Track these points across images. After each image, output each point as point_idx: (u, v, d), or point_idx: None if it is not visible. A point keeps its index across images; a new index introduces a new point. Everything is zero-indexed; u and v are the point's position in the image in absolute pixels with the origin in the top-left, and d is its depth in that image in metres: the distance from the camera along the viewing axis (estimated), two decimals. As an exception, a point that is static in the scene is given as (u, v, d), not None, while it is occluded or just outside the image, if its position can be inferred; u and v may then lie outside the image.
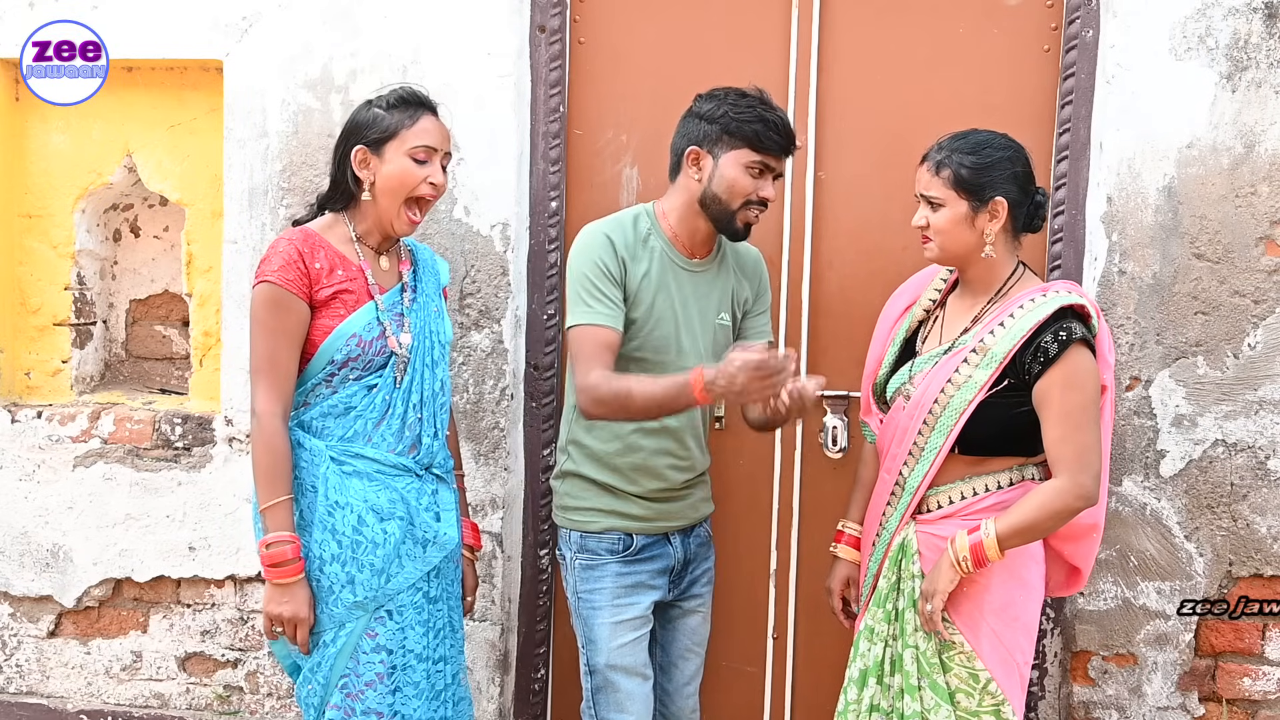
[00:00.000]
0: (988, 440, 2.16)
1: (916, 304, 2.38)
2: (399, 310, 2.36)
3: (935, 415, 2.18)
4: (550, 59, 2.94)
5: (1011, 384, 2.12)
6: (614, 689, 2.44)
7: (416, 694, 2.34)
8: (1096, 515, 2.22)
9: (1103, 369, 2.16)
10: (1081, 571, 2.31)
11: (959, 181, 2.15)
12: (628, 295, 2.36)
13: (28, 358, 3.25)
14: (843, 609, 2.50)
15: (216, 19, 2.99)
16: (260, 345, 2.25)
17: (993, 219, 2.16)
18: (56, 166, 3.19)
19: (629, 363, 2.39)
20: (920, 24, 2.84)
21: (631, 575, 2.46)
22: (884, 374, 2.37)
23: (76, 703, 3.21)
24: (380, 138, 2.28)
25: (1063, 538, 2.25)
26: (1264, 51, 2.63)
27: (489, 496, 2.97)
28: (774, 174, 2.34)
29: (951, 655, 2.16)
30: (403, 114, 2.28)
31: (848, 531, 2.49)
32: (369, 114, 2.30)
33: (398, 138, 2.27)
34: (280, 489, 2.24)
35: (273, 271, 2.24)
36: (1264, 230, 2.66)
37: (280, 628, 2.26)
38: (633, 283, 2.36)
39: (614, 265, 2.34)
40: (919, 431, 2.21)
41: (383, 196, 2.29)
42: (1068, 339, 2.08)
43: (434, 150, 2.29)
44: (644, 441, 2.42)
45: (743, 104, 2.30)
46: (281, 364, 2.25)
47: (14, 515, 3.17)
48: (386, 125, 2.27)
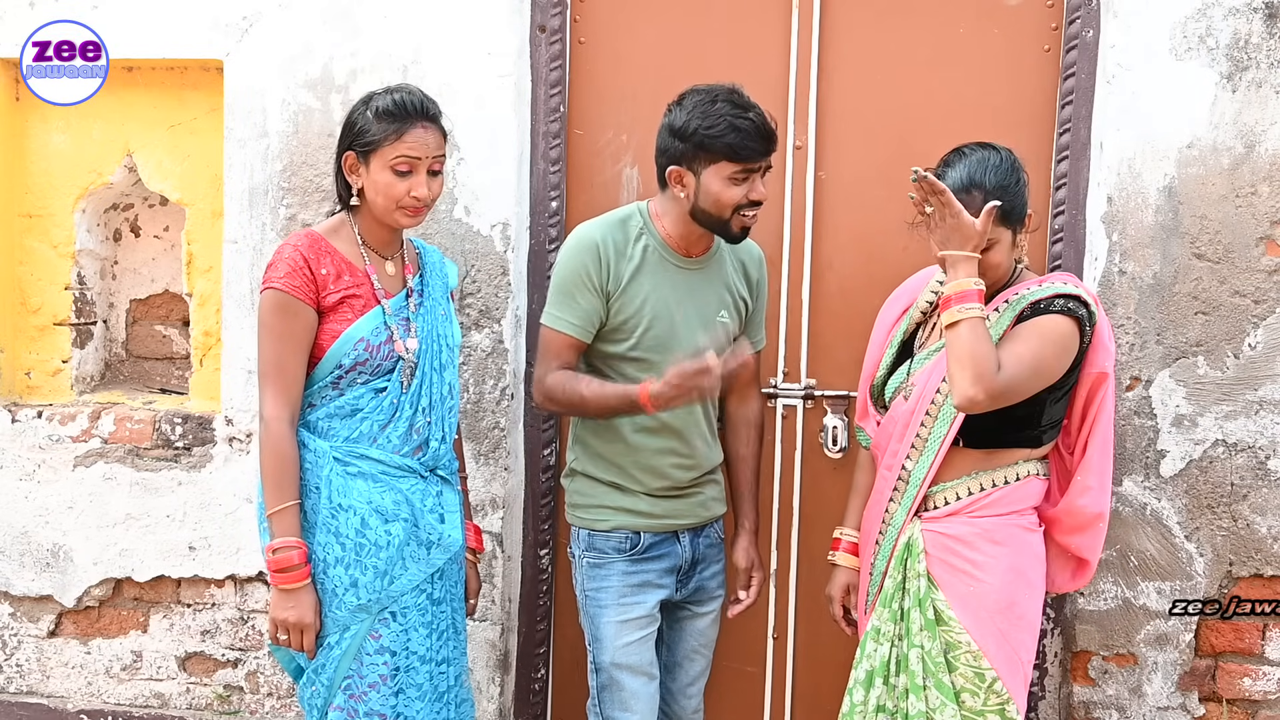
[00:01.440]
0: (991, 428, 2.16)
1: (913, 306, 2.38)
2: (405, 315, 2.37)
3: (938, 405, 2.19)
4: (550, 59, 2.94)
5: None
6: (619, 687, 2.45)
7: (419, 695, 2.34)
8: (1103, 504, 2.23)
9: (1104, 357, 2.18)
10: (1089, 563, 2.31)
11: (1005, 219, 2.16)
12: (615, 296, 2.37)
13: (28, 357, 3.25)
14: (844, 616, 2.50)
15: (217, 19, 2.99)
16: (268, 351, 2.26)
17: (1024, 231, 2.22)
18: (57, 166, 3.19)
19: (628, 363, 2.39)
20: (920, 24, 2.84)
21: (638, 574, 2.46)
22: (882, 375, 2.37)
23: (77, 702, 3.21)
24: (365, 148, 2.27)
25: (1068, 529, 2.26)
26: (1264, 51, 2.63)
27: (489, 496, 2.97)
28: (761, 172, 2.31)
29: (957, 654, 2.16)
30: (389, 125, 2.25)
31: (845, 538, 2.49)
32: (361, 118, 2.29)
33: (379, 152, 2.26)
34: (287, 494, 2.24)
35: (279, 278, 2.24)
36: (1264, 230, 2.65)
37: (285, 634, 2.26)
38: (620, 283, 2.37)
39: (596, 271, 2.36)
40: (921, 424, 2.21)
41: (372, 202, 2.31)
42: (1057, 309, 2.13)
43: (418, 160, 2.27)
44: (646, 441, 2.42)
45: (712, 113, 2.25)
46: (289, 370, 2.25)
47: (14, 515, 3.17)
48: (371, 136, 2.26)
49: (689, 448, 2.45)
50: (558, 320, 2.38)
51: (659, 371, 2.29)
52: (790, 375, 2.94)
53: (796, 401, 2.94)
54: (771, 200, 2.88)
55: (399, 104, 2.27)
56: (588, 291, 2.36)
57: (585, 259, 2.37)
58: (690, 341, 2.37)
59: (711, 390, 2.21)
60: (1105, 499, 2.23)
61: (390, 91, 2.31)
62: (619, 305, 2.37)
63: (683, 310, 2.41)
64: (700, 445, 2.48)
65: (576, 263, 2.37)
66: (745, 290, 2.52)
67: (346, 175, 2.31)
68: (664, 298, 2.39)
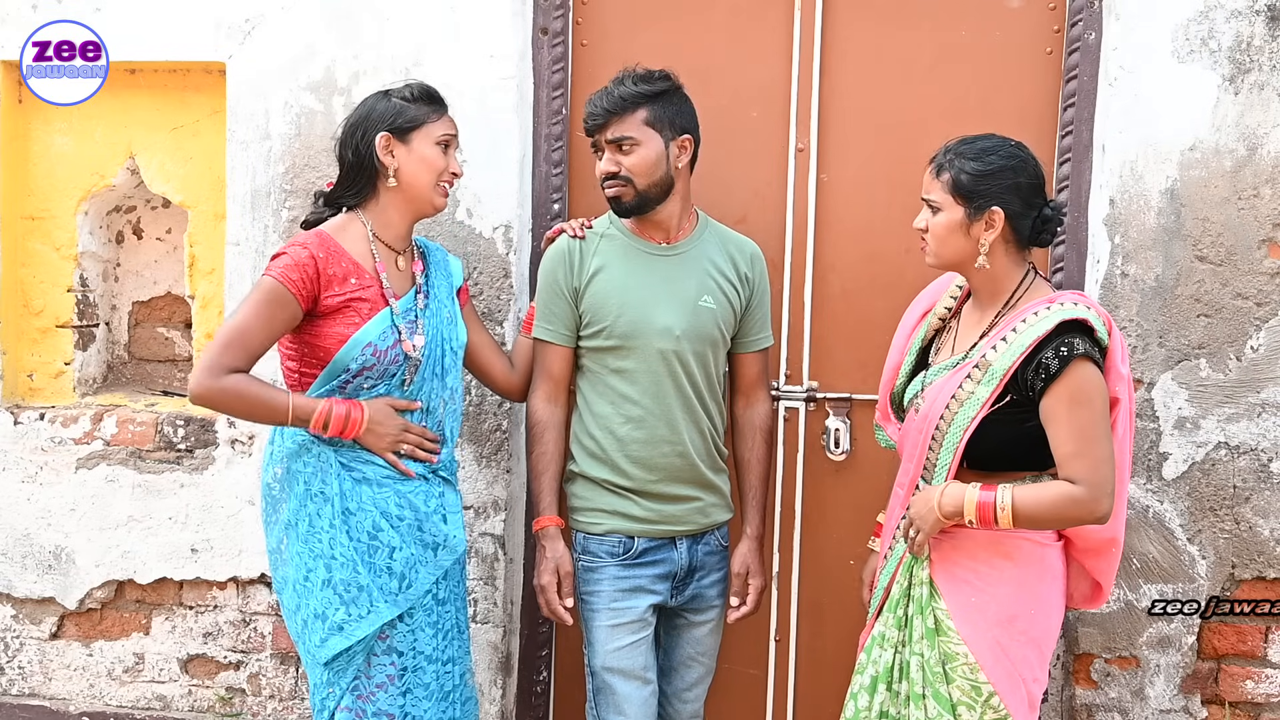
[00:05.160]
0: (995, 457, 2.14)
1: (931, 312, 2.36)
2: (413, 315, 2.37)
3: (942, 431, 2.15)
4: (553, 61, 2.94)
5: (1015, 400, 2.08)
6: (611, 691, 2.45)
7: (426, 695, 2.35)
8: (1116, 530, 2.16)
9: (1115, 381, 2.11)
10: (1103, 586, 2.26)
11: (957, 187, 2.13)
12: (583, 293, 2.50)
13: (30, 360, 3.25)
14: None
15: (219, 21, 2.99)
16: (241, 318, 2.26)
17: (988, 229, 2.12)
18: (59, 169, 3.19)
19: (608, 353, 2.48)
20: (922, 27, 2.84)
21: (630, 579, 2.47)
22: (901, 383, 2.35)
23: (79, 704, 3.21)
24: (408, 126, 2.34)
25: (1083, 550, 2.21)
26: (1266, 54, 2.63)
27: (491, 499, 2.97)
28: (599, 148, 2.49)
29: (954, 666, 2.12)
30: (428, 107, 2.38)
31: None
32: (390, 104, 2.36)
33: (425, 129, 2.36)
34: (276, 393, 2.27)
35: (281, 269, 2.26)
36: (1266, 233, 2.65)
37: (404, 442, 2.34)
38: (585, 279, 2.49)
39: (564, 275, 2.51)
40: (929, 447, 2.19)
41: (412, 180, 2.35)
42: (1069, 354, 2.03)
43: (453, 137, 2.42)
44: (633, 433, 2.47)
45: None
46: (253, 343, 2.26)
47: (16, 517, 3.17)
48: (413, 115, 2.35)
49: (675, 434, 2.47)
50: (539, 329, 2.54)
51: (639, 357, 2.44)
52: (792, 378, 2.94)
53: (798, 404, 2.94)
54: (773, 202, 2.91)
55: (427, 91, 2.41)
56: (558, 297, 2.52)
57: (554, 266, 2.53)
58: (666, 324, 2.45)
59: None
60: (1119, 525, 2.16)
61: (407, 84, 2.42)
62: (587, 300, 2.48)
63: (656, 296, 2.47)
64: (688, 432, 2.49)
65: (547, 272, 2.54)
66: (734, 278, 2.55)
67: (381, 157, 2.34)
68: (633, 285, 2.47)
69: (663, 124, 2.43)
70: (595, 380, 2.51)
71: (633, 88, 2.41)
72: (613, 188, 2.45)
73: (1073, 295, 2.15)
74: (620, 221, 2.53)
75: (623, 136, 2.41)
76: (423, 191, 2.36)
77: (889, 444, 2.46)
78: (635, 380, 2.47)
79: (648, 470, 2.47)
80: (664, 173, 2.44)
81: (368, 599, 2.26)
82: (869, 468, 2.89)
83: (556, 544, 2.48)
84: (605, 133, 2.42)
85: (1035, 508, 2.06)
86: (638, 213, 2.48)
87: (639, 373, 2.46)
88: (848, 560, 2.90)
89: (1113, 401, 2.11)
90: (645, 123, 2.42)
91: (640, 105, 2.41)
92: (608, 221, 2.56)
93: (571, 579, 2.49)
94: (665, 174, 2.45)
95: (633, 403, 2.47)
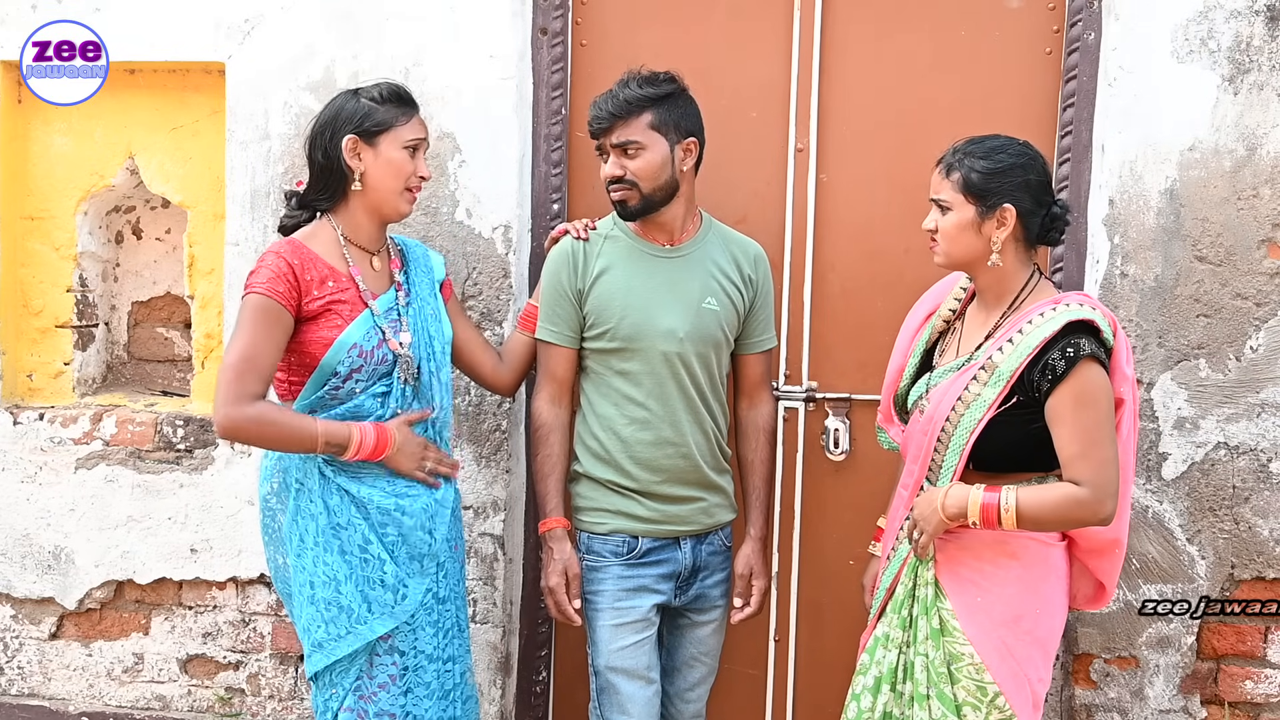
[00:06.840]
0: (1000, 458, 2.14)
1: (936, 314, 2.35)
2: (395, 313, 2.37)
3: (948, 433, 2.15)
4: (552, 61, 2.94)
5: (1021, 401, 2.08)
6: (614, 691, 2.45)
7: (427, 694, 2.35)
8: (1119, 530, 2.16)
9: (1119, 382, 2.11)
10: (1106, 587, 2.26)
11: (968, 186, 2.13)
12: (587, 295, 2.48)
13: (30, 360, 3.25)
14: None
15: (219, 21, 2.99)
16: (243, 342, 2.20)
17: (1000, 226, 2.13)
18: (59, 169, 3.19)
19: (613, 355, 2.47)
20: (922, 27, 2.84)
21: (633, 578, 2.47)
22: (905, 385, 2.35)
23: (78, 705, 3.21)
24: (375, 129, 2.30)
25: (1086, 551, 2.21)
26: (1266, 54, 2.63)
27: (490, 499, 2.96)
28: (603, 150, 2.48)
29: (960, 666, 2.12)
30: (397, 109, 2.34)
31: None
32: (358, 104, 2.32)
33: (393, 132, 2.32)
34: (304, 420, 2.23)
35: (263, 283, 2.23)
36: (1266, 233, 2.65)
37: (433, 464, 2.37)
38: (589, 281, 2.48)
39: (567, 278, 2.49)
40: (934, 449, 2.18)
41: (377, 185, 2.32)
42: (1075, 355, 2.03)
43: (422, 141, 2.38)
44: (638, 434, 2.46)
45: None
46: (262, 363, 2.21)
47: (16, 517, 3.17)
48: (381, 118, 2.31)
49: (679, 435, 2.47)
50: (543, 330, 2.53)
51: (643, 359, 2.43)
52: (792, 378, 2.94)
53: (798, 404, 2.94)
54: (773, 202, 2.91)
55: (397, 92, 2.36)
56: (562, 299, 2.50)
57: (558, 268, 2.52)
58: (670, 326, 2.45)
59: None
60: (1122, 526, 2.16)
61: (377, 84, 2.37)
62: (591, 302, 2.47)
63: (660, 298, 2.46)
64: (692, 434, 2.48)
65: (550, 273, 2.53)
66: (738, 279, 2.55)
67: (347, 160, 2.30)
68: (637, 287, 2.46)
69: (668, 127, 2.42)
70: (599, 382, 2.51)
71: (638, 91, 2.39)
72: (618, 192, 2.44)
73: (1078, 296, 2.15)
74: (624, 223, 2.53)
75: (628, 140, 2.40)
76: (388, 197, 2.33)
77: (891, 446, 2.46)
78: (639, 382, 2.46)
79: (652, 471, 2.47)
80: (669, 176, 2.43)
81: (346, 619, 2.25)
82: (869, 468, 2.89)
83: (564, 546, 2.48)
84: (610, 136, 2.41)
85: (1039, 509, 2.06)
86: (642, 216, 2.47)
87: (643, 375, 2.46)
88: (847, 560, 2.90)
89: (1117, 402, 2.11)
90: (650, 126, 2.41)
91: (645, 109, 2.40)
92: (611, 223, 2.55)
93: (579, 580, 2.49)
94: (670, 177, 2.44)
95: (637, 404, 2.47)
